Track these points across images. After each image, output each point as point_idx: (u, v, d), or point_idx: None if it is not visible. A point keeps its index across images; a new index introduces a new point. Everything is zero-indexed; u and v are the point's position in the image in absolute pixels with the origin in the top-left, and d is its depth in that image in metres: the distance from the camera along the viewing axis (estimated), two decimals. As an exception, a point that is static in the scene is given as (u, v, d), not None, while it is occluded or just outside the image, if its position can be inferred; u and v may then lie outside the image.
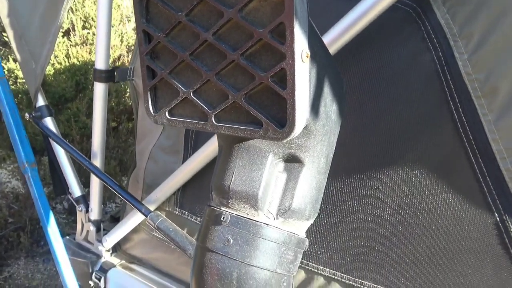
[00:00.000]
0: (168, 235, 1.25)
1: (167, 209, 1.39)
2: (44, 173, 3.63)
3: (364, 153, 0.96)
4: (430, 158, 0.88)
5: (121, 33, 4.60)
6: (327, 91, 0.64)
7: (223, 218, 0.66)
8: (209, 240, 0.67)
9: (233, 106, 0.59)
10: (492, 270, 0.84)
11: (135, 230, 1.53)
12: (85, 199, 1.67)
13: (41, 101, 1.67)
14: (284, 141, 0.55)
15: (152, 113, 0.67)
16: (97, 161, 1.53)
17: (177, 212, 1.37)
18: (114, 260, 1.62)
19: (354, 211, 0.99)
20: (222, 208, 0.67)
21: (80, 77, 4.29)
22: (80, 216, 1.67)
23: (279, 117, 0.56)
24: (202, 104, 0.61)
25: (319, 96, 0.62)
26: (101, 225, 1.65)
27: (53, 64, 4.25)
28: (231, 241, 0.65)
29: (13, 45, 1.73)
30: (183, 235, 1.25)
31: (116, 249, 1.65)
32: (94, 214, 1.62)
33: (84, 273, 1.61)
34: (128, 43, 4.46)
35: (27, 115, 1.66)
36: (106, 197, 3.76)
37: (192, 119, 0.63)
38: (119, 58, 4.71)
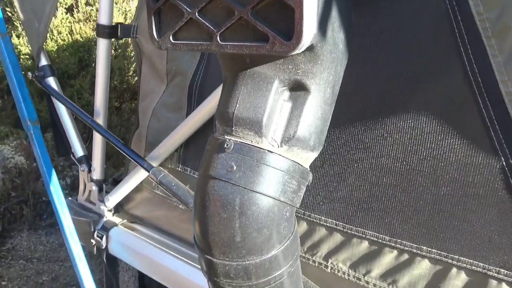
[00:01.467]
0: (170, 190, 1.25)
1: (169, 166, 1.39)
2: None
3: (369, 101, 0.95)
4: (436, 103, 0.87)
5: (125, 11, 4.56)
6: (335, 15, 0.62)
7: (227, 145, 0.65)
8: (212, 168, 0.66)
9: (239, 23, 0.58)
10: (496, 216, 0.83)
11: (137, 189, 1.53)
12: (87, 159, 1.67)
13: (43, 61, 1.66)
14: (292, 54, 0.54)
15: (156, 38, 0.66)
16: (100, 119, 1.52)
17: (179, 169, 1.36)
18: (116, 219, 1.63)
19: (358, 160, 0.98)
20: (226, 136, 0.67)
21: (83, 53, 4.27)
22: (83, 176, 1.67)
23: (285, 31, 0.55)
24: (207, 24, 0.60)
25: (327, 18, 0.60)
26: (103, 185, 1.65)
27: (56, 41, 4.22)
28: (235, 167, 0.64)
29: (16, 4, 1.71)
30: (185, 189, 1.25)
31: (118, 209, 1.65)
32: (97, 173, 1.62)
33: (86, 232, 1.61)
34: (132, 21, 4.40)
35: (29, 74, 1.65)
36: (108, 175, 3.78)
37: (197, 40, 0.62)
38: (122, 36, 4.66)
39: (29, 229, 3.72)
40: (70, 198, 1.75)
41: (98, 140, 1.56)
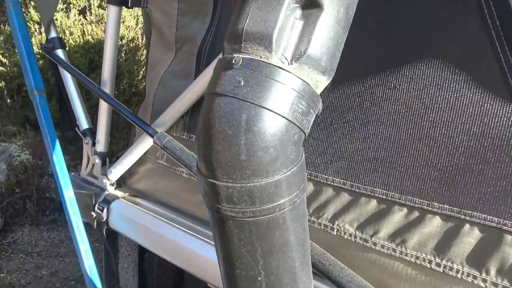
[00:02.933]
0: (174, 154, 1.22)
1: (175, 134, 1.36)
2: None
3: (381, 52, 0.93)
4: (452, 51, 0.84)
5: (137, 15, 4.63)
6: None
7: (235, 61, 0.63)
8: (219, 85, 0.64)
9: None
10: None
11: (140, 162, 1.50)
12: (92, 132, 1.65)
13: (53, 33, 1.66)
14: None
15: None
16: (107, 88, 1.51)
17: (184, 137, 1.34)
18: (118, 193, 1.60)
19: (367, 115, 0.95)
20: (234, 54, 0.64)
21: (93, 54, 4.32)
22: (86, 149, 1.66)
23: None
24: None
25: None
26: (107, 159, 1.63)
27: (68, 41, 4.28)
28: (242, 82, 0.62)
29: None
30: (190, 153, 1.22)
31: (121, 184, 1.63)
32: (101, 145, 1.60)
33: (87, 206, 1.59)
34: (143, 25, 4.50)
35: (39, 45, 1.65)
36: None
37: None
38: (133, 40, 4.75)
39: (31, 224, 3.70)
40: (73, 172, 1.73)
41: (104, 110, 1.55)
